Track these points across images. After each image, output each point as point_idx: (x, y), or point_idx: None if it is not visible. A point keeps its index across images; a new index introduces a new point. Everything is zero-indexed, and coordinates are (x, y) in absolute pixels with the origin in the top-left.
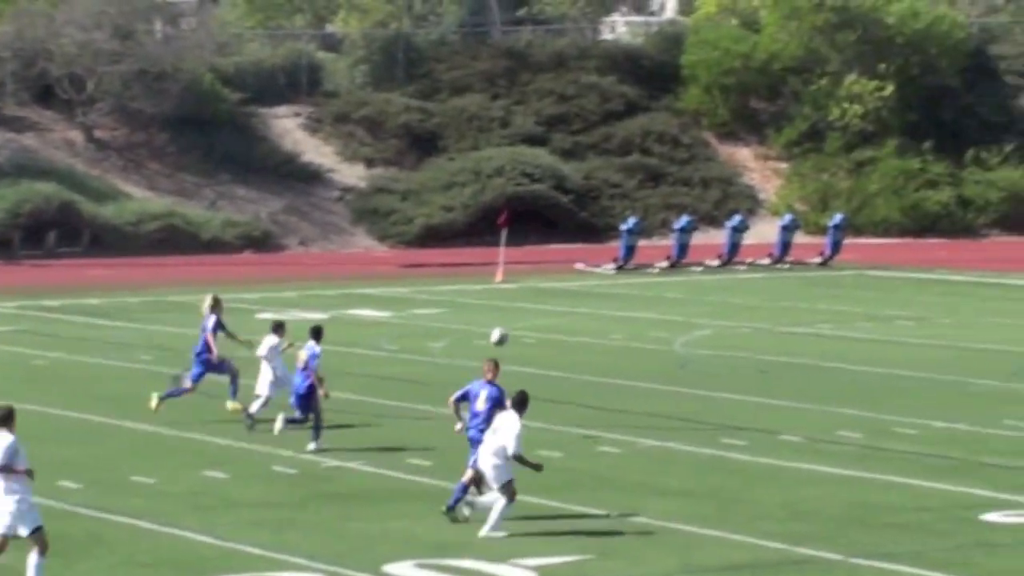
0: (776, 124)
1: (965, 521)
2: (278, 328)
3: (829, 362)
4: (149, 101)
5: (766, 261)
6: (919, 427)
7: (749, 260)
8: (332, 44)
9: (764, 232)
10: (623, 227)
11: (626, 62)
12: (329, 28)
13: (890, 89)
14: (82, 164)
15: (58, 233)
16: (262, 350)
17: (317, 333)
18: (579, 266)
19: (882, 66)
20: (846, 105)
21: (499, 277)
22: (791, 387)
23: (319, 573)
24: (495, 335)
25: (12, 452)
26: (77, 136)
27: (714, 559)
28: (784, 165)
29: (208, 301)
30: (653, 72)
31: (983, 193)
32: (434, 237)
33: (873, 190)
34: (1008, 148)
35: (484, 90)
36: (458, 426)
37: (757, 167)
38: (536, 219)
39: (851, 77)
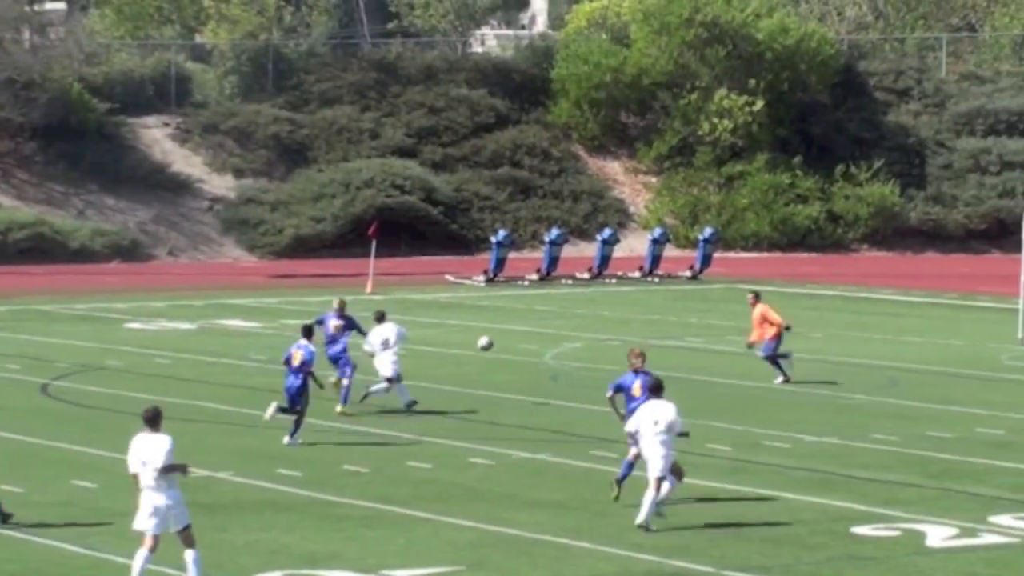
0: (646, 138)
1: (835, 534)
2: (383, 317)
3: (699, 375)
4: (17, 110)
5: (636, 274)
6: (790, 440)
7: (619, 273)
8: (201, 55)
9: (634, 245)
10: (493, 239)
11: (496, 75)
12: (198, 39)
13: (760, 104)
14: None
15: None
16: (375, 341)
17: (309, 332)
18: (449, 278)
19: (752, 81)
20: (716, 120)
21: (369, 288)
22: None
23: None
24: (482, 341)
25: (173, 453)
26: None
27: (585, 571)
28: (654, 179)
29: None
30: (523, 85)
31: (852, 208)
32: (304, 248)
33: (743, 204)
34: (877, 164)
35: (354, 102)
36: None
37: (627, 181)
38: (406, 231)
39: (721, 92)
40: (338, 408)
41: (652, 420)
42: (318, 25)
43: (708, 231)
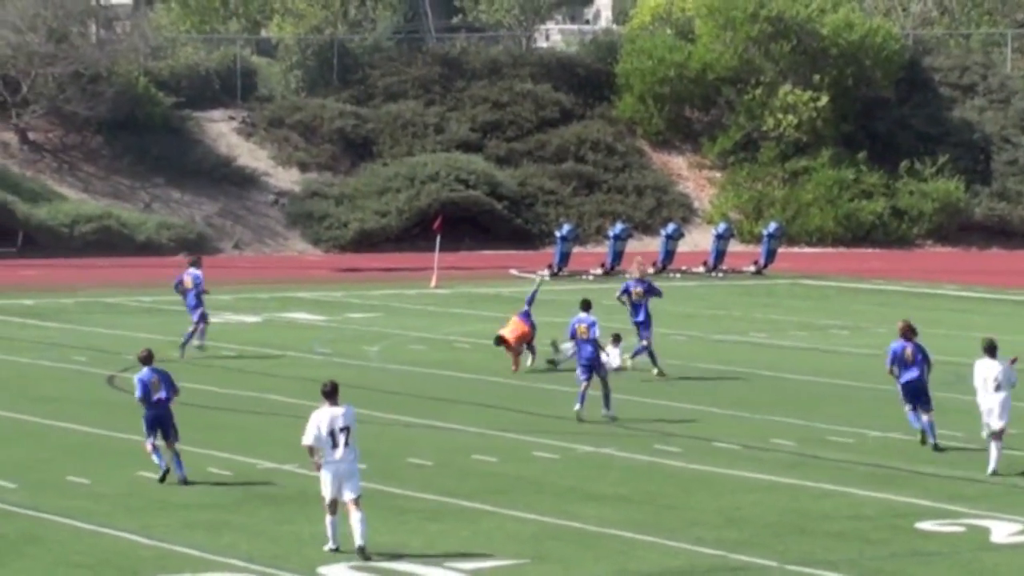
0: (710, 133)
1: (900, 529)
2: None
3: (763, 370)
4: (83, 104)
5: (700, 269)
6: (854, 435)
7: (683, 268)
8: (267, 49)
9: (698, 240)
10: (558, 234)
11: (561, 70)
12: (264, 33)
13: (825, 100)
14: (16, 166)
15: None
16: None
17: (588, 305)
18: (513, 272)
19: (817, 77)
20: (781, 115)
21: (433, 282)
22: (725, 395)
23: (255, 575)
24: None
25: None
26: (11, 138)
27: (649, 565)
28: (719, 174)
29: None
30: (588, 80)
31: (917, 204)
32: (368, 242)
33: (807, 200)
34: (942, 159)
35: (418, 96)
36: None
37: (692, 176)
38: (471, 225)
39: (786, 87)
40: (654, 371)
41: (983, 377)
42: (383, 20)
43: (772, 226)
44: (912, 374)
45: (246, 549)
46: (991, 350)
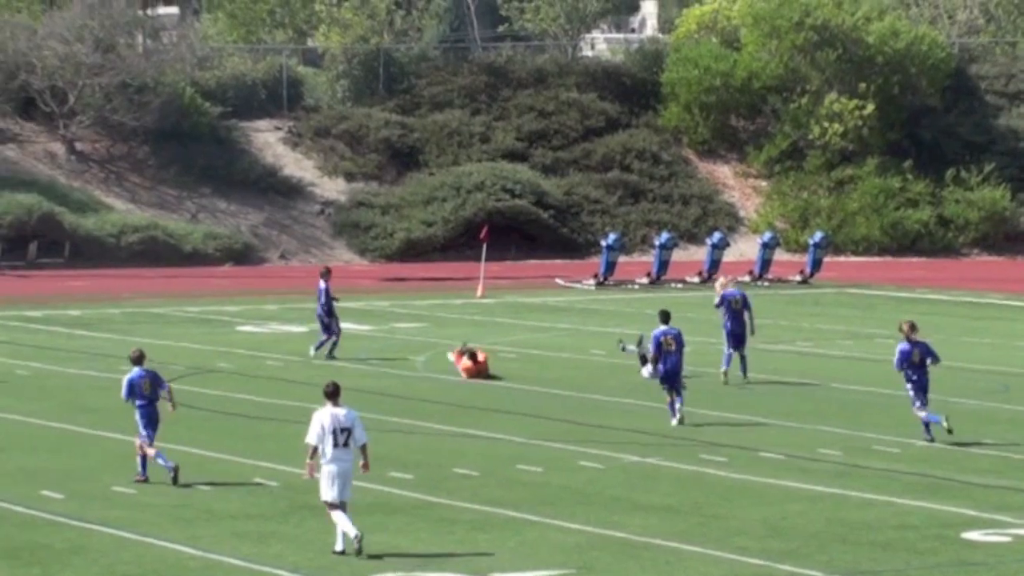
0: (756, 142)
1: (946, 539)
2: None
3: (809, 380)
4: (130, 114)
5: (746, 278)
6: (900, 445)
7: (729, 277)
8: (313, 59)
9: (744, 249)
10: (603, 243)
11: (606, 79)
12: (310, 43)
13: (871, 108)
14: (64, 176)
15: (39, 244)
16: None
17: (667, 316)
18: (559, 281)
19: (862, 85)
20: (826, 124)
21: (480, 292)
22: (771, 404)
23: None
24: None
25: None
26: (59, 148)
27: (694, 575)
28: (764, 183)
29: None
30: (633, 89)
31: (963, 212)
32: (414, 251)
33: (853, 208)
34: (988, 168)
35: (464, 106)
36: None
37: (737, 185)
38: (517, 234)
39: (831, 96)
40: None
41: None
42: (429, 29)
43: (818, 235)
44: (917, 373)
45: (293, 560)
46: None
